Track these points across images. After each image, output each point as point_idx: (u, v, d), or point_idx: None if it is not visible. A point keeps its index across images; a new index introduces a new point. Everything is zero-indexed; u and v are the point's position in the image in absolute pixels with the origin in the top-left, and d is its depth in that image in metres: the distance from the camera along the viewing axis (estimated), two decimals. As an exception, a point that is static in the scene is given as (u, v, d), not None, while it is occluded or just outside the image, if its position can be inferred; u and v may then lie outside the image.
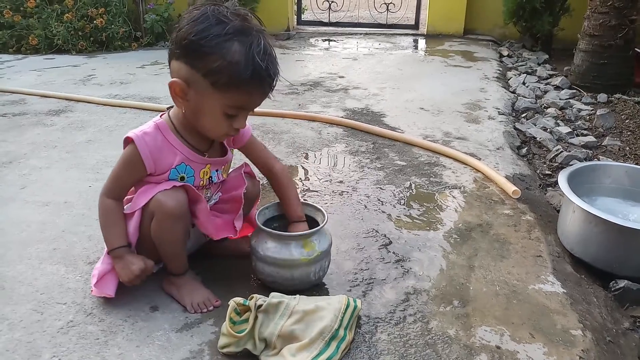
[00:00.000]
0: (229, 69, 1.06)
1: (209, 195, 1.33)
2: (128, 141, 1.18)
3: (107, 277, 1.23)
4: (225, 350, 1.08)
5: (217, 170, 1.30)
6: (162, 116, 1.24)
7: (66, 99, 3.02)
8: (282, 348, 1.06)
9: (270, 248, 1.22)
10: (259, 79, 1.09)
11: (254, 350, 1.07)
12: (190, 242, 1.30)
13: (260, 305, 1.10)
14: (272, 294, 1.14)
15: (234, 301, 1.11)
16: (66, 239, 1.51)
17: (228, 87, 1.08)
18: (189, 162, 1.22)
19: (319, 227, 1.26)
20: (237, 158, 1.37)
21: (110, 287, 1.22)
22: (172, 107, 1.24)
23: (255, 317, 1.09)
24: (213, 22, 1.07)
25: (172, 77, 1.13)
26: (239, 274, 1.35)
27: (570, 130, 2.59)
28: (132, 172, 1.20)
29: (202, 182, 1.26)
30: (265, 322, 1.09)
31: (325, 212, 1.31)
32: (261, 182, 1.50)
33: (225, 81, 1.08)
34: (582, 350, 1.12)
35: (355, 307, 1.16)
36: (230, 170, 1.37)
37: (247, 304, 1.11)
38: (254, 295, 1.13)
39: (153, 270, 1.25)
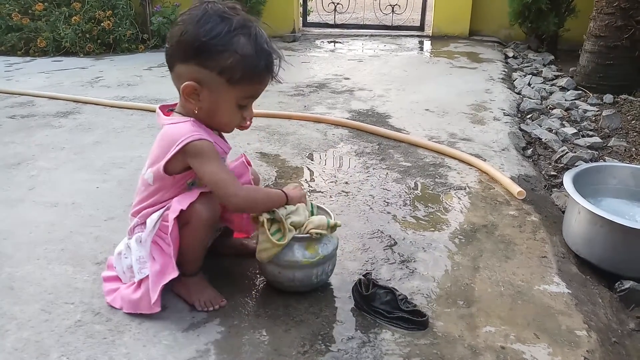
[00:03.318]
0: (243, 63, 1.11)
1: None
2: (187, 143, 1.14)
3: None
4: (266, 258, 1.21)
5: (223, 159, 1.30)
6: (172, 113, 1.23)
7: (74, 101, 3.05)
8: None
9: None
10: (270, 65, 1.16)
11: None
12: None
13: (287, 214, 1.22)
14: (288, 207, 1.25)
15: (264, 216, 1.20)
16: (74, 240, 1.53)
17: (243, 80, 1.13)
18: (223, 155, 1.25)
19: None
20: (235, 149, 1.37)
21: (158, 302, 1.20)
22: (173, 107, 1.24)
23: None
24: (217, 20, 1.10)
25: (180, 81, 1.14)
26: (245, 273, 1.37)
27: (576, 131, 2.58)
28: (218, 157, 1.19)
29: None
30: (294, 219, 1.23)
31: (333, 216, 1.31)
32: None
33: (240, 75, 1.12)
34: (587, 351, 1.12)
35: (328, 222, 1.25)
36: (229, 160, 1.37)
37: (273, 217, 1.21)
38: (275, 209, 1.22)
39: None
